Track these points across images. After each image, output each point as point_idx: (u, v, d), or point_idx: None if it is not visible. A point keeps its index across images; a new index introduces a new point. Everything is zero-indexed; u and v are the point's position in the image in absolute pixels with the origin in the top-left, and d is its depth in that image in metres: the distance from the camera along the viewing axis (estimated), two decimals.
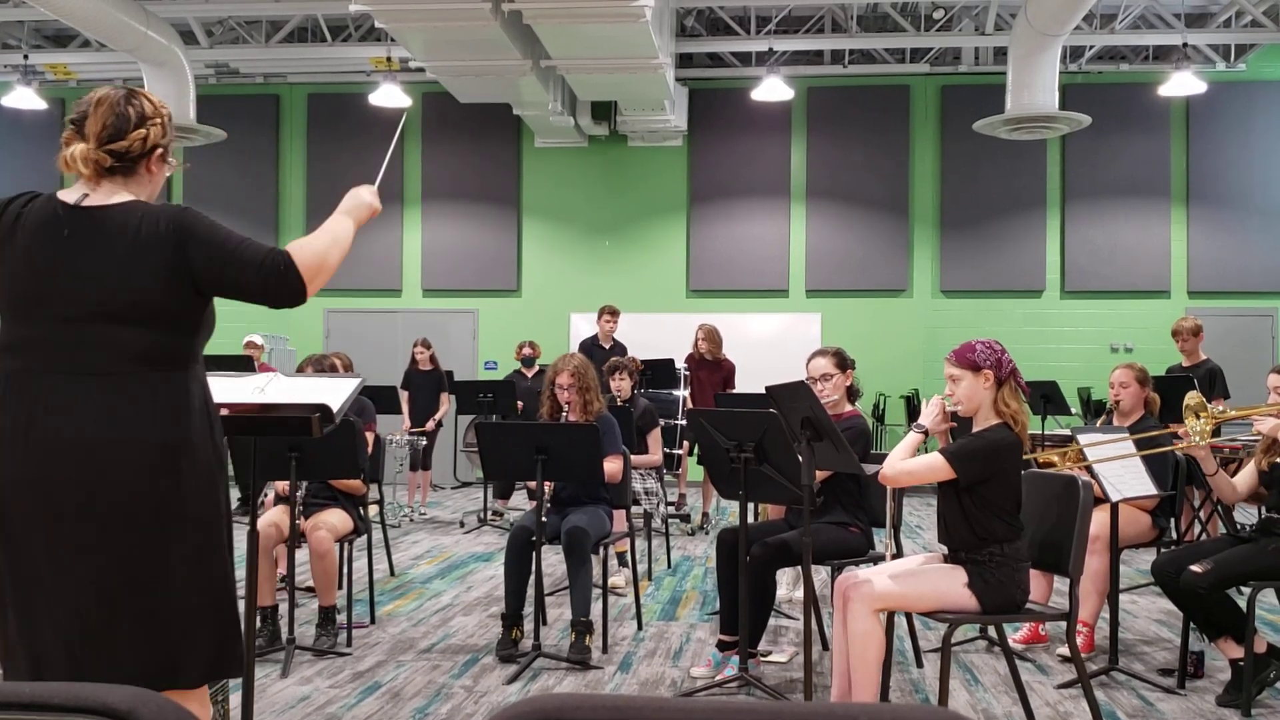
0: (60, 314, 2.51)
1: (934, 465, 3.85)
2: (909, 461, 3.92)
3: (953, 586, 3.81)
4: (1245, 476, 4.84)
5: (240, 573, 6.98)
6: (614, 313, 10.32)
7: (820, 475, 4.79)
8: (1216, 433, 5.72)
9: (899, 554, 4.89)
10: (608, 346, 10.18)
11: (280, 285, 2.60)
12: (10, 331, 2.56)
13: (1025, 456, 4.00)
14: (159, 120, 2.67)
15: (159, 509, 2.50)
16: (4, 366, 2.53)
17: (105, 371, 2.50)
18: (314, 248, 2.71)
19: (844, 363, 5.14)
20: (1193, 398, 4.65)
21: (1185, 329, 8.30)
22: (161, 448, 2.51)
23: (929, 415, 4.06)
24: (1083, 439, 5.06)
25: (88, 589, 2.46)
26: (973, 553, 3.85)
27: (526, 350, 10.86)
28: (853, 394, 5.22)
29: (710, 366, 9.73)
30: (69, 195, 2.60)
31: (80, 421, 2.47)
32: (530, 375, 10.64)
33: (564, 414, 5.69)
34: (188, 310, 2.59)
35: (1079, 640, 5.07)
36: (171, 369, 2.57)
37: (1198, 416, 4.56)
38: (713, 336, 9.78)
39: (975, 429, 3.98)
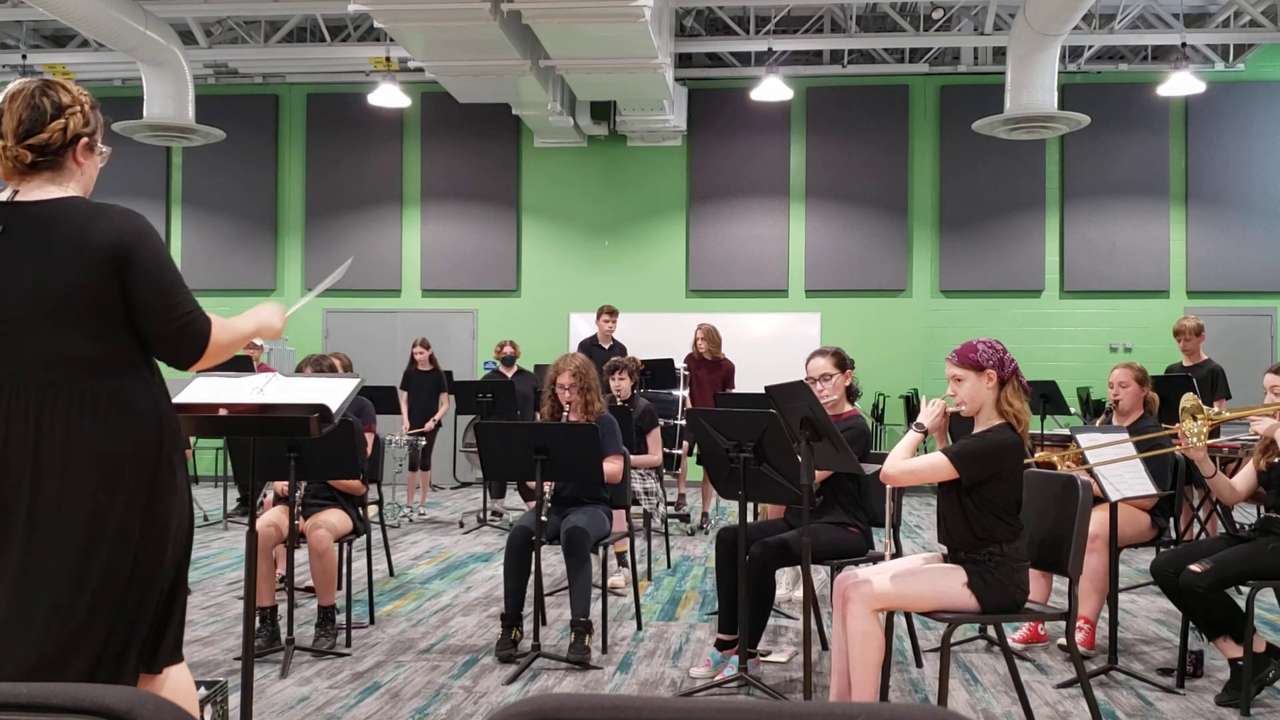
0: (2, 321, 2.46)
1: (936, 465, 3.85)
2: (910, 461, 3.92)
3: (952, 586, 3.81)
4: (1244, 477, 4.84)
5: (239, 573, 6.96)
6: (613, 313, 10.32)
7: (820, 475, 4.79)
8: (1216, 433, 5.73)
9: (898, 554, 4.89)
10: (607, 346, 10.18)
11: (188, 343, 2.57)
12: None
13: (1035, 466, 4.01)
14: (78, 109, 2.59)
15: (94, 522, 2.44)
16: None
17: (43, 382, 2.45)
18: (233, 328, 2.68)
19: (843, 363, 5.14)
20: (1189, 400, 4.65)
21: (1187, 329, 8.29)
22: (97, 462, 2.45)
23: (928, 414, 4.06)
24: (1082, 439, 5.06)
25: (34, 599, 2.42)
26: (972, 552, 3.85)
27: (508, 349, 10.87)
28: (852, 394, 5.22)
29: (709, 366, 9.73)
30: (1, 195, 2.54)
31: (19, 435, 2.43)
32: (510, 375, 10.64)
33: (565, 414, 5.69)
34: (124, 313, 2.53)
35: (1078, 640, 5.08)
36: (113, 375, 2.51)
37: (1194, 418, 4.56)
38: (712, 336, 9.77)
39: (977, 429, 3.98)
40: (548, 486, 5.32)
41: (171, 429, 2.62)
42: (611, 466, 5.46)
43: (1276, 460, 4.67)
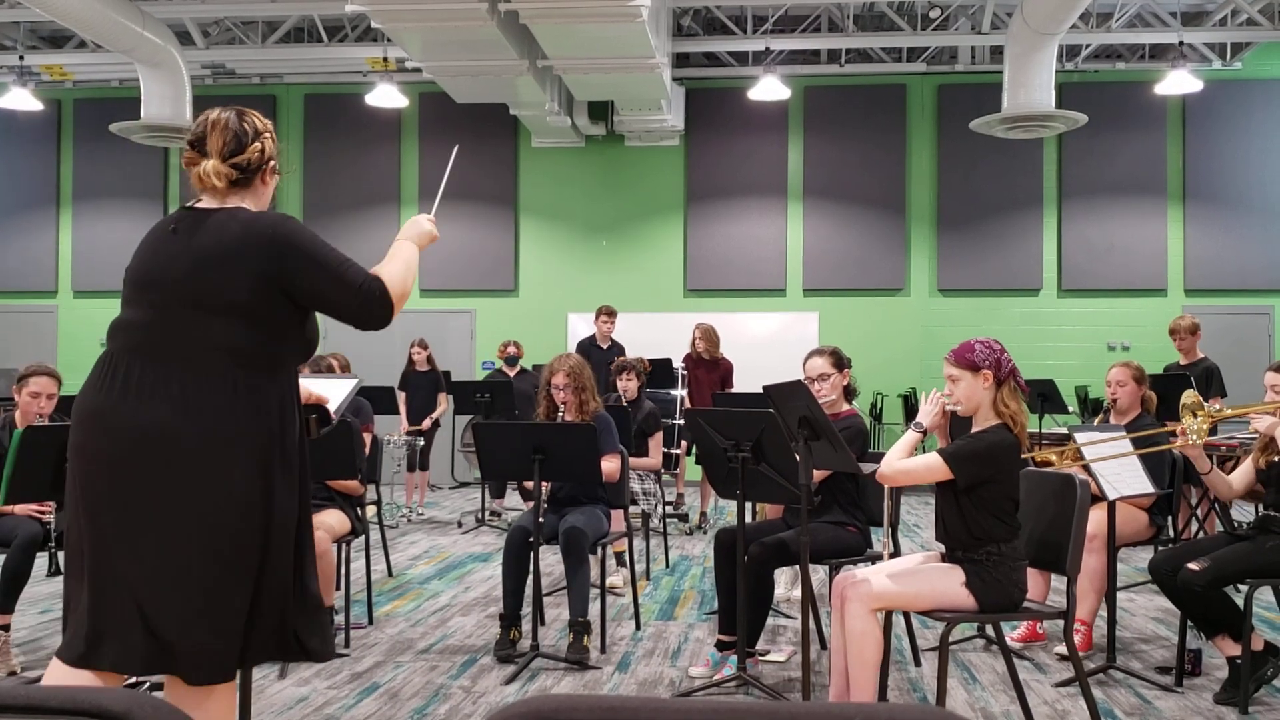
0: (158, 300, 2.70)
1: (932, 466, 3.85)
2: (907, 461, 3.92)
3: (950, 586, 3.82)
4: (1241, 474, 4.84)
5: None
6: (611, 313, 10.32)
7: (818, 475, 4.80)
8: (1214, 431, 5.73)
9: (896, 553, 4.89)
10: (605, 346, 10.18)
11: (376, 309, 2.79)
12: (116, 319, 2.76)
13: (1024, 455, 4.00)
14: (268, 133, 2.94)
15: (204, 501, 2.60)
16: (110, 346, 2.74)
17: (188, 357, 2.65)
18: (398, 275, 2.88)
19: (841, 362, 5.15)
20: (1189, 396, 4.65)
21: (1183, 327, 8.30)
22: (225, 443, 2.63)
23: (927, 413, 4.05)
24: (1080, 437, 5.06)
25: (143, 570, 2.58)
26: (969, 552, 3.85)
27: (511, 349, 10.87)
28: (850, 393, 5.22)
29: (708, 365, 9.73)
30: (192, 203, 2.85)
31: (156, 408, 2.60)
32: (513, 375, 10.65)
33: (560, 414, 5.69)
34: (276, 315, 2.73)
35: (1076, 639, 5.08)
36: (252, 369, 2.70)
37: (1195, 415, 4.57)
38: (710, 335, 9.78)
39: (975, 429, 3.98)
40: (545, 486, 5.32)
41: (291, 425, 2.79)
42: (609, 465, 5.46)
43: (1276, 459, 4.67)
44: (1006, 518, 3.86)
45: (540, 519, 5.12)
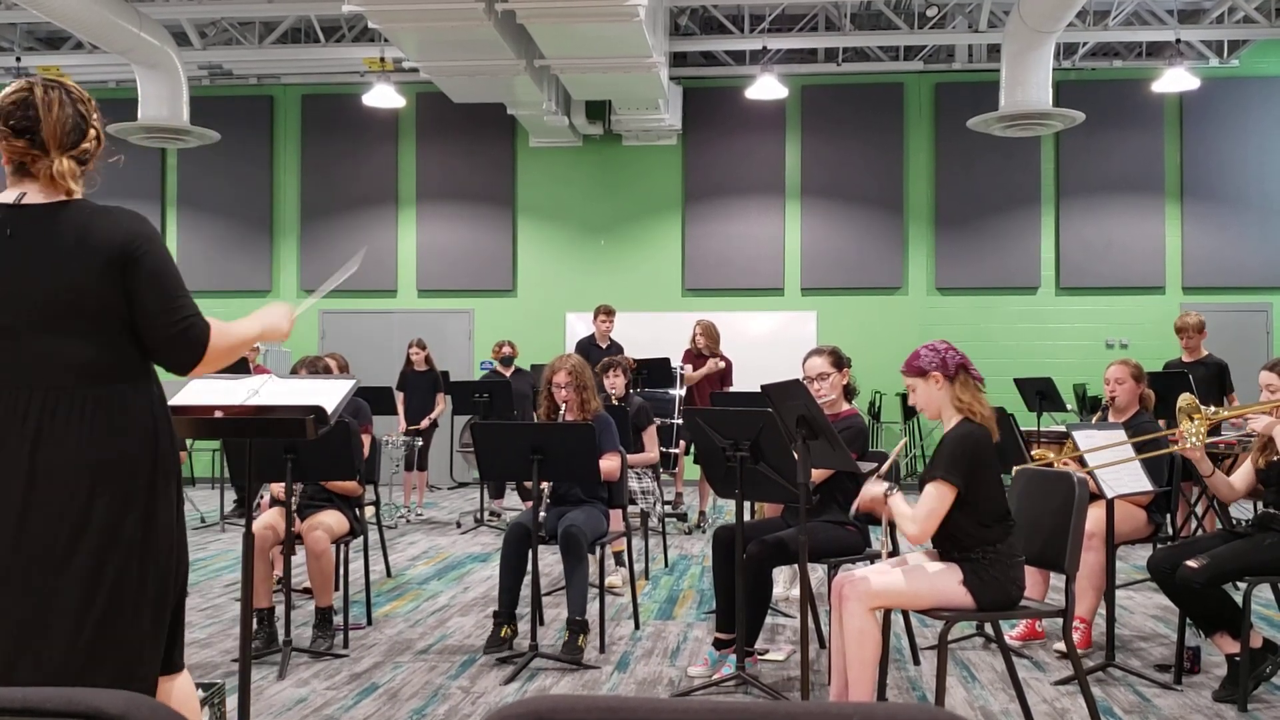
0: (2, 322, 2.42)
1: (938, 497, 3.82)
2: (919, 509, 3.86)
3: (948, 584, 3.82)
4: (1242, 475, 4.84)
5: (236, 575, 6.94)
6: (609, 312, 10.33)
7: (818, 476, 4.80)
8: (1217, 430, 5.72)
9: (895, 552, 4.90)
10: (604, 346, 10.18)
11: (188, 350, 2.53)
12: None
13: (1031, 463, 4.01)
14: (95, 111, 2.57)
15: (91, 530, 2.42)
16: None
17: (43, 386, 2.42)
18: (228, 336, 2.61)
19: (840, 361, 5.14)
20: (1185, 400, 4.65)
21: (1190, 325, 8.27)
22: (94, 468, 2.42)
23: (879, 486, 4.08)
24: (1078, 436, 5.06)
25: (19, 605, 2.39)
26: (966, 552, 3.85)
27: (506, 349, 10.88)
28: (849, 393, 5.22)
29: (707, 362, 9.74)
30: (5, 196, 2.49)
31: (16, 439, 2.40)
32: (509, 374, 10.65)
33: (561, 413, 5.69)
34: (126, 318, 2.49)
35: (1075, 637, 5.08)
36: (113, 383, 2.49)
37: (1191, 419, 4.57)
38: (710, 333, 9.81)
39: (945, 430, 4.01)
40: (545, 486, 5.32)
41: (168, 438, 2.58)
42: (608, 464, 5.46)
43: (1275, 458, 4.67)
44: (998, 516, 3.86)
45: (541, 521, 5.13)
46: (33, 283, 2.42)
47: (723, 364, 9.66)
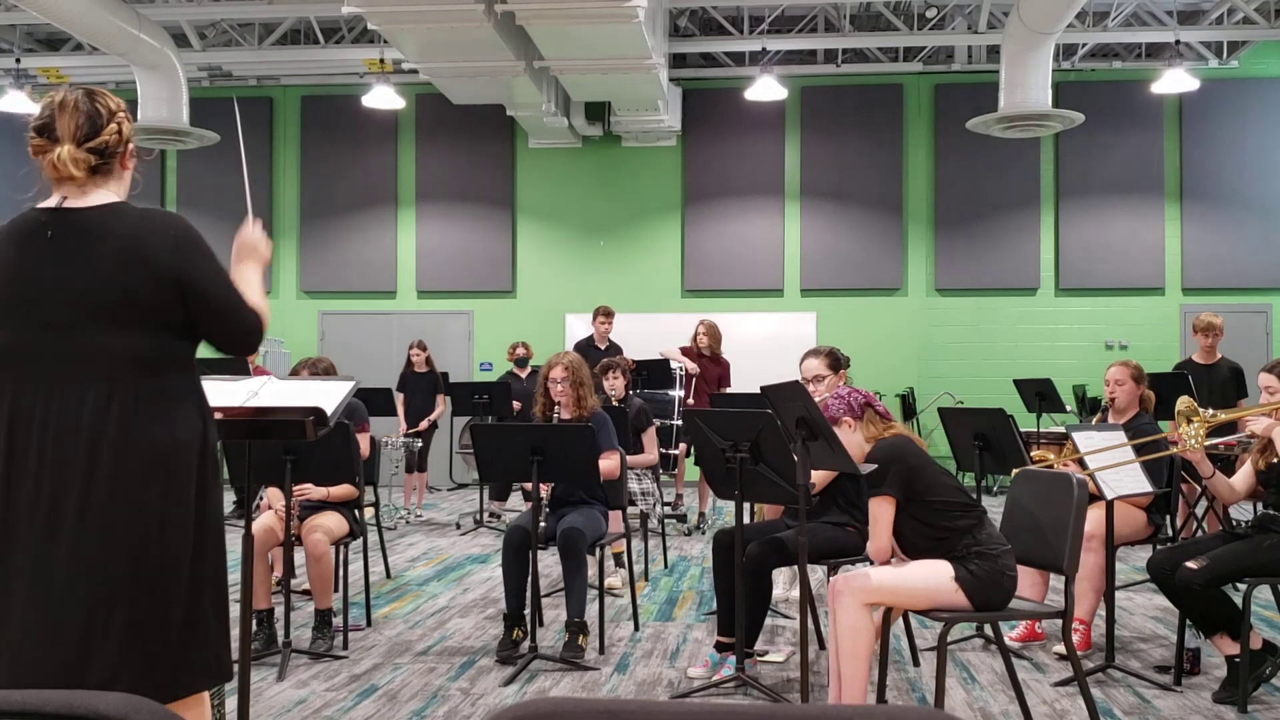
0: (48, 319, 2.50)
1: (879, 511, 3.95)
2: (873, 528, 4.00)
3: (941, 582, 3.82)
4: (1242, 477, 4.84)
5: (235, 576, 6.94)
6: (608, 313, 10.34)
7: (820, 480, 4.79)
8: (1230, 429, 5.71)
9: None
10: (603, 347, 10.19)
11: (254, 339, 2.71)
12: (2, 343, 2.52)
13: (1031, 464, 4.03)
14: (123, 113, 2.68)
15: (149, 514, 2.49)
16: None
17: (96, 378, 2.49)
18: (264, 307, 2.76)
19: (837, 363, 5.14)
20: (1183, 403, 4.65)
21: (1216, 325, 8.29)
22: (151, 452, 2.50)
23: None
24: (1078, 437, 5.06)
25: (82, 595, 2.44)
26: (951, 550, 3.86)
27: (520, 351, 10.88)
28: None
29: (708, 361, 9.76)
30: (48, 202, 2.60)
31: (74, 428, 2.46)
32: (524, 376, 10.65)
33: (557, 409, 5.69)
34: (177, 313, 2.57)
35: (1075, 638, 5.08)
36: (163, 374, 2.56)
37: (1190, 422, 4.57)
38: (713, 332, 9.83)
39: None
40: (545, 491, 5.31)
41: (212, 424, 2.69)
42: (606, 463, 5.46)
43: (1276, 460, 4.67)
44: (960, 507, 3.90)
45: (542, 523, 5.13)
46: (80, 282, 2.50)
47: (695, 368, 9.65)
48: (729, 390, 9.62)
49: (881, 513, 3.92)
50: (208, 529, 2.60)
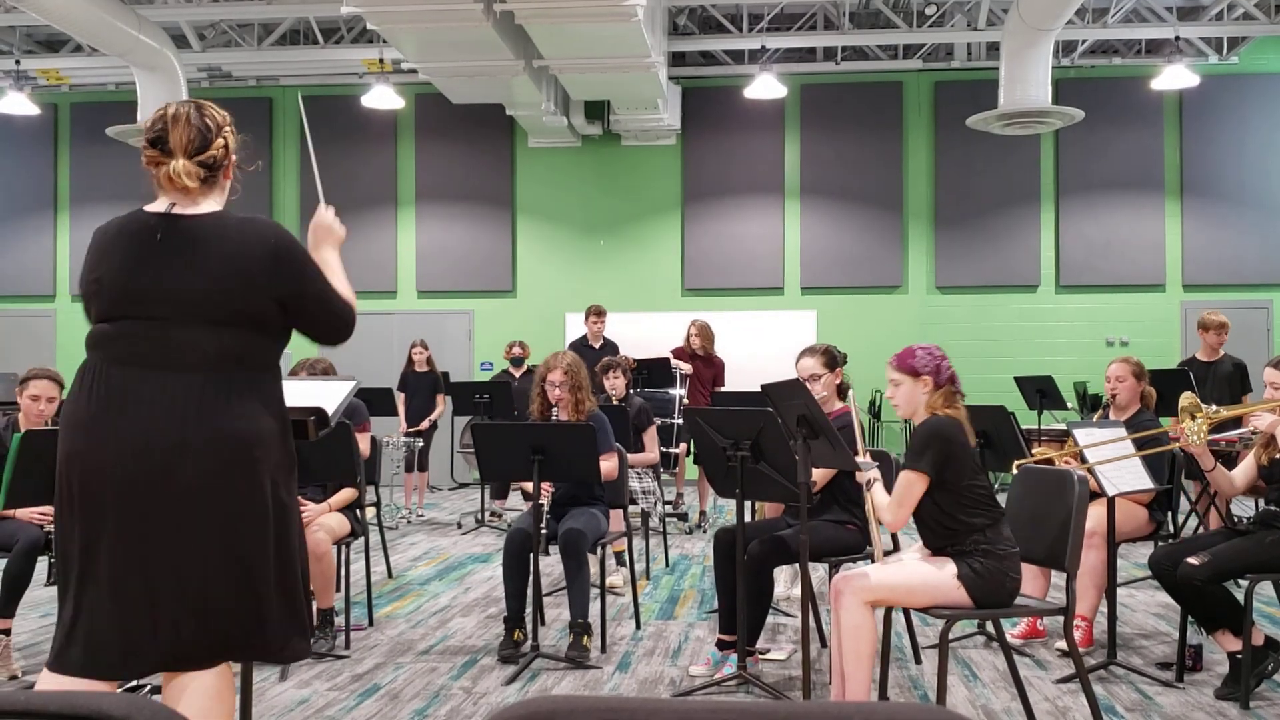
0: (152, 313, 2.64)
1: (908, 485, 3.92)
2: (894, 497, 3.99)
3: (943, 579, 3.82)
4: (1243, 470, 4.84)
5: None
6: (600, 312, 10.36)
7: (821, 478, 4.79)
8: (1222, 429, 5.72)
9: (896, 548, 4.90)
10: (597, 346, 10.20)
11: (347, 331, 2.89)
12: (103, 330, 2.68)
13: (1030, 459, 4.02)
14: (229, 127, 2.84)
15: (234, 501, 2.61)
16: (93, 360, 2.67)
17: (188, 368, 2.62)
18: (351, 294, 2.93)
19: (833, 361, 5.13)
20: (1186, 399, 4.65)
21: (1226, 325, 8.30)
22: (239, 442, 2.62)
23: (871, 470, 4.20)
24: (1079, 434, 5.06)
25: (168, 573, 2.57)
26: (957, 545, 3.86)
27: (516, 350, 10.88)
28: (843, 391, 5.21)
29: (702, 362, 9.77)
30: (156, 206, 2.75)
31: (165, 413, 2.58)
32: (519, 375, 10.65)
33: (554, 411, 5.69)
34: (272, 318, 2.73)
35: (1078, 635, 5.09)
36: (251, 370, 2.71)
37: (1193, 418, 4.57)
38: (705, 332, 9.85)
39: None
40: (545, 498, 5.30)
41: (288, 421, 2.82)
42: (606, 464, 5.46)
43: (1278, 456, 4.67)
44: (983, 505, 3.90)
45: (543, 527, 5.13)
46: (183, 284, 2.65)
47: (689, 369, 9.66)
48: (724, 389, 9.64)
49: (910, 488, 3.90)
50: (290, 517, 2.73)
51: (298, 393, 3.18)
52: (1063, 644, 5.16)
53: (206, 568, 2.58)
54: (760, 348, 12.45)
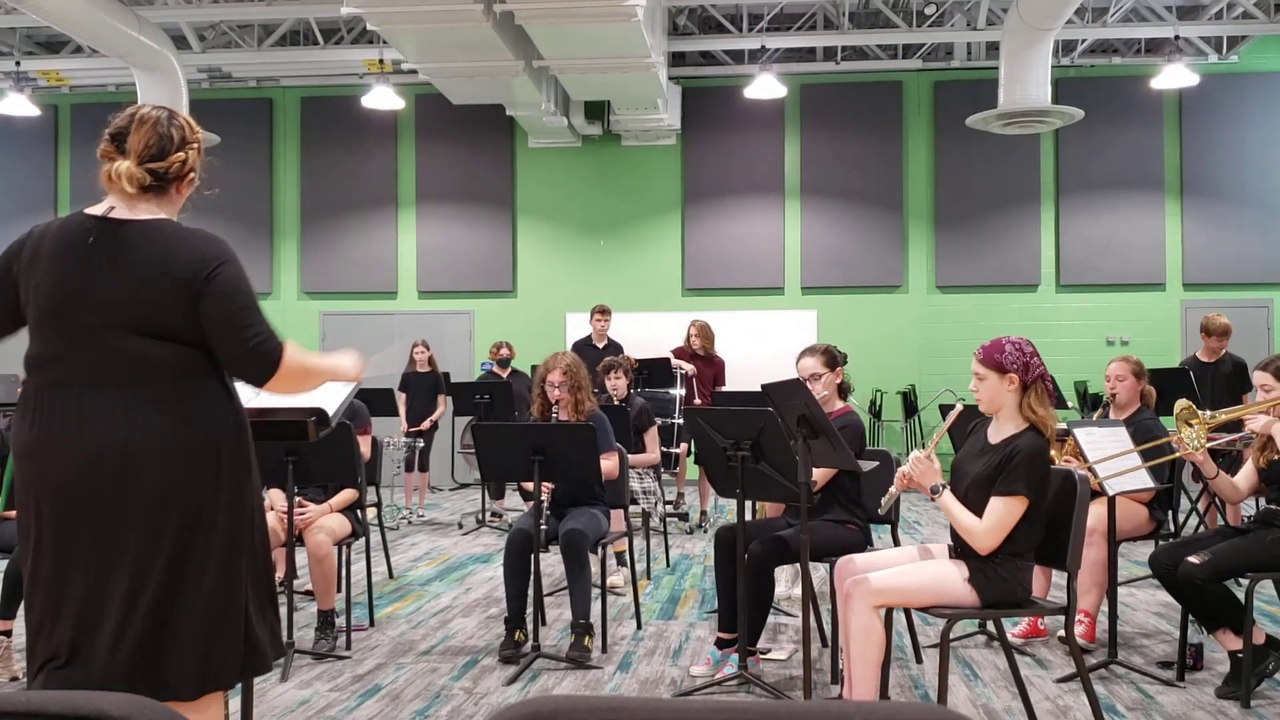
0: (86, 325, 2.56)
1: (1012, 512, 3.76)
2: (987, 522, 3.79)
3: (953, 582, 3.81)
4: (1244, 476, 4.84)
5: None
6: (605, 311, 10.36)
7: (821, 478, 4.79)
8: (1225, 429, 5.71)
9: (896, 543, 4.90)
10: (601, 346, 10.20)
11: (257, 366, 2.64)
12: (37, 346, 2.61)
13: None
14: (196, 144, 2.77)
15: (187, 513, 2.56)
16: (33, 381, 2.60)
17: (130, 383, 2.55)
18: (307, 364, 2.74)
19: (833, 360, 5.13)
20: (1181, 406, 4.65)
21: (1219, 327, 8.29)
22: (188, 453, 2.56)
23: (933, 475, 3.96)
24: (1079, 433, 5.06)
25: (122, 588, 2.52)
26: (981, 554, 3.83)
27: (504, 351, 10.89)
28: (844, 391, 5.21)
29: (702, 362, 9.78)
30: (95, 209, 2.66)
31: (112, 429, 2.52)
32: (505, 376, 10.66)
33: (554, 412, 5.69)
34: (199, 329, 2.63)
35: (1080, 630, 5.09)
36: (197, 377, 2.63)
37: (1190, 424, 4.57)
38: (705, 332, 9.87)
39: (994, 430, 3.95)
40: (545, 498, 5.31)
41: (246, 424, 2.73)
42: (607, 464, 5.46)
43: (1276, 457, 4.67)
44: (1031, 527, 3.83)
45: (544, 526, 5.13)
46: (115, 290, 2.57)
47: (692, 369, 9.67)
48: (722, 388, 9.65)
49: (1013, 516, 3.73)
50: (242, 524, 2.65)
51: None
52: (1064, 641, 5.16)
53: (147, 586, 2.52)
54: (760, 348, 12.45)
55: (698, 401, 9.40)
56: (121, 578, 2.52)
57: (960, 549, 3.92)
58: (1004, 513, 3.76)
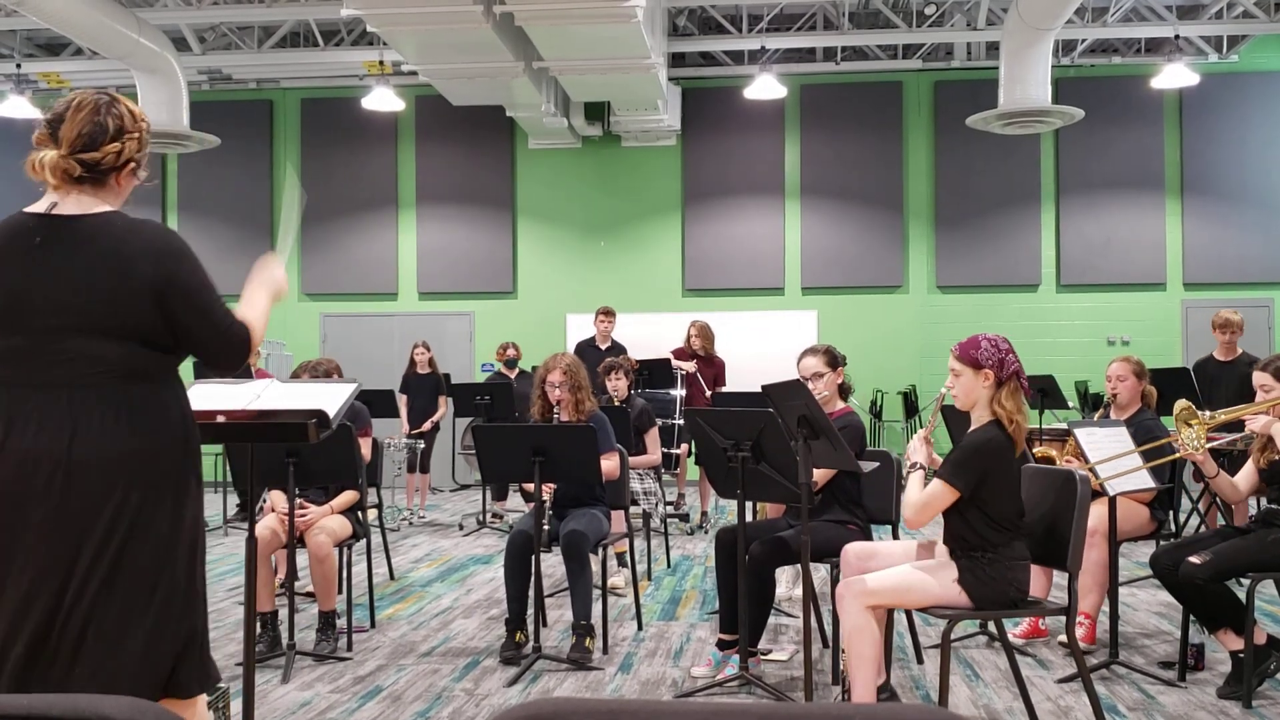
0: (34, 325, 2.49)
1: (938, 493, 3.84)
2: (921, 496, 3.90)
3: (943, 583, 3.81)
4: (1246, 476, 4.83)
5: (239, 579, 6.95)
6: (609, 313, 10.36)
7: (821, 478, 4.79)
8: (1228, 428, 5.71)
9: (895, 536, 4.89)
10: (605, 347, 10.20)
11: (235, 354, 2.64)
12: None
13: (1032, 460, 3.99)
14: (137, 134, 2.64)
15: (125, 521, 2.47)
16: None
17: (77, 384, 2.48)
18: (259, 325, 2.73)
19: (834, 360, 5.13)
20: (1181, 406, 4.64)
21: (1235, 323, 8.29)
22: (128, 460, 2.48)
23: (919, 453, 4.04)
24: (1080, 433, 5.06)
25: (52, 598, 2.44)
26: (969, 552, 3.85)
27: (510, 352, 10.89)
28: (845, 391, 5.21)
29: (702, 362, 9.78)
30: (37, 206, 2.57)
31: (52, 434, 2.45)
32: (513, 376, 10.66)
33: (555, 412, 5.69)
34: (156, 325, 2.55)
35: (1081, 631, 5.09)
36: (144, 382, 2.55)
37: (1189, 424, 4.57)
38: (705, 333, 9.87)
39: (971, 426, 3.98)
40: (547, 494, 5.31)
41: (195, 433, 2.67)
42: (608, 464, 5.46)
43: (1276, 458, 4.67)
44: (1009, 520, 3.84)
45: (545, 526, 5.13)
46: (63, 292, 2.48)
47: (693, 368, 9.67)
48: (723, 389, 9.65)
49: (939, 500, 3.83)
50: (181, 539, 2.56)
51: (299, 394, 3.18)
52: (1065, 644, 5.16)
53: (89, 587, 2.45)
54: (761, 348, 12.44)
55: (707, 399, 9.39)
56: (52, 589, 2.44)
57: (951, 546, 3.93)
58: (930, 495, 3.86)
